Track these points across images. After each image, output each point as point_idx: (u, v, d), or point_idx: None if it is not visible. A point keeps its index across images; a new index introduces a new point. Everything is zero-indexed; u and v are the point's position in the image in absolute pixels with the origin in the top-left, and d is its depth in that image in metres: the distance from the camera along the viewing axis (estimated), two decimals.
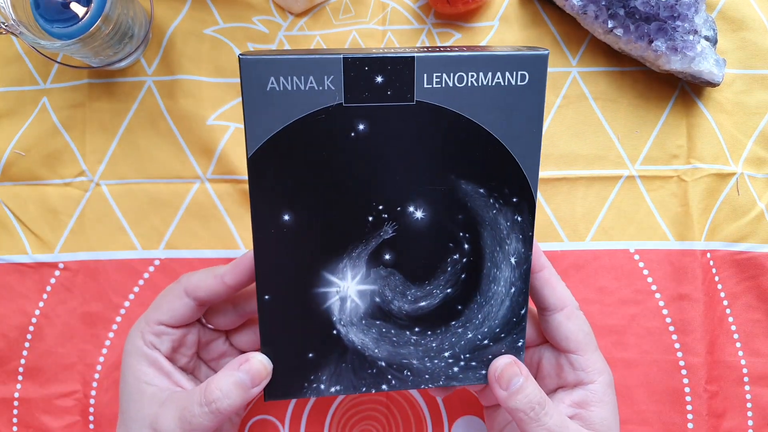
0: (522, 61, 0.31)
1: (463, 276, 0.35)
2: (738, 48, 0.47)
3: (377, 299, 0.35)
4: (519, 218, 0.34)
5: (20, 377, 0.46)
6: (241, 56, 0.30)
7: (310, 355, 0.35)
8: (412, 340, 0.35)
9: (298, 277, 0.34)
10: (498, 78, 0.32)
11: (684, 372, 0.45)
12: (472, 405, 0.46)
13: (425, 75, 0.31)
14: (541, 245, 0.46)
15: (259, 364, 0.34)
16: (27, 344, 0.46)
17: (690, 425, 0.44)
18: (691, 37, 0.43)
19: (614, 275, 0.46)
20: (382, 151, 0.32)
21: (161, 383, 0.36)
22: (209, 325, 0.40)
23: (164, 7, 0.47)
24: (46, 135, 0.47)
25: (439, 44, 0.47)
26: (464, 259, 0.35)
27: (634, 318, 0.45)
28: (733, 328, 0.46)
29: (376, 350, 0.35)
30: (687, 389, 0.45)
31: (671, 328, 0.45)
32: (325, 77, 0.31)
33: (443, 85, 0.31)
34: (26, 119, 0.47)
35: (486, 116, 0.32)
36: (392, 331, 0.35)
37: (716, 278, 0.46)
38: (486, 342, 0.36)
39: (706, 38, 0.44)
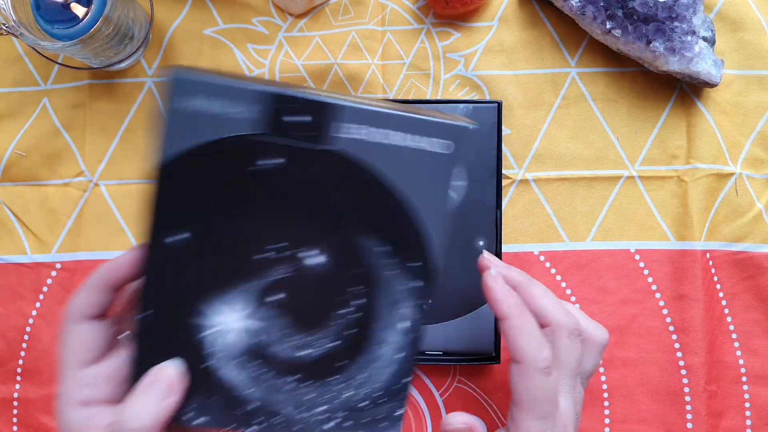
0: (446, 130, 0.30)
1: (350, 331, 0.33)
2: (736, 49, 0.47)
3: (260, 339, 0.32)
4: (416, 284, 0.32)
5: (18, 378, 0.46)
6: (175, 66, 0.29)
7: None
8: (289, 388, 0.33)
9: (181, 299, 0.31)
10: (423, 143, 0.31)
11: (684, 372, 0.45)
12: (471, 405, 0.46)
13: (351, 125, 0.30)
14: (542, 246, 0.46)
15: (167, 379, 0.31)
16: (24, 345, 0.46)
17: (689, 425, 0.44)
18: (689, 38, 0.43)
19: (615, 275, 0.46)
20: (294, 190, 0.31)
21: None
22: None
23: (164, 8, 0.47)
24: (46, 135, 0.47)
25: (384, 97, 0.47)
26: (354, 315, 0.33)
27: (634, 318, 0.46)
28: (732, 327, 0.46)
29: (250, 390, 0.33)
30: (687, 389, 0.45)
31: (671, 328, 0.45)
32: (255, 106, 0.29)
33: (366, 138, 0.30)
34: (27, 120, 0.47)
35: (400, 176, 0.31)
36: (270, 374, 0.33)
37: (715, 278, 0.46)
38: (366, 404, 0.33)
39: (705, 39, 0.45)
